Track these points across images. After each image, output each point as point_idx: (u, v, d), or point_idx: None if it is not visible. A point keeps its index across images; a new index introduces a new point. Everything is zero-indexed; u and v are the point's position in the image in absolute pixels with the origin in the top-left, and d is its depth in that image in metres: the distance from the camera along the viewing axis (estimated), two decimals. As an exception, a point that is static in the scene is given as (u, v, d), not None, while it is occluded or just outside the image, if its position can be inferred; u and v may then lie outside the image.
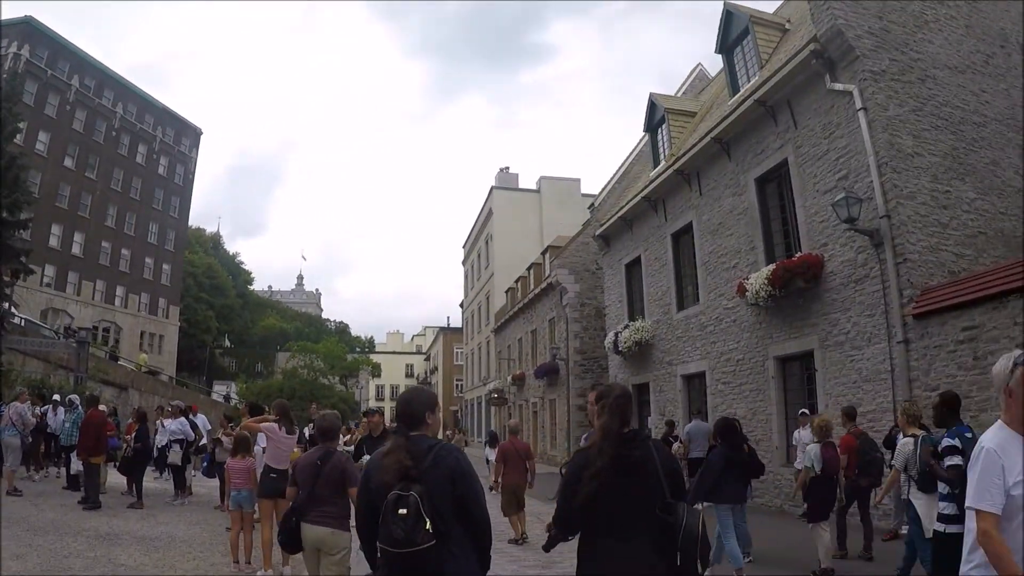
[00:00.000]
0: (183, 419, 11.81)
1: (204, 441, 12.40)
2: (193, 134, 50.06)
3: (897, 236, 9.29)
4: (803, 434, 10.08)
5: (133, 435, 10.99)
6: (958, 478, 4.15)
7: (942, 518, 4.27)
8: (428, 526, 2.41)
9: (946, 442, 4.64)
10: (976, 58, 11.02)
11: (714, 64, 19.27)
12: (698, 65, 21.60)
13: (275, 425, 6.65)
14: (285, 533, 4.26)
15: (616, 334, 17.15)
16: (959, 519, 3.78)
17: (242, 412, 8.56)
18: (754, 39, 13.19)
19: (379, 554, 2.55)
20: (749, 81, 13.26)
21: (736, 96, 13.46)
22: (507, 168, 41.51)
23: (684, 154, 14.70)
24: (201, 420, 13.31)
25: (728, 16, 13.77)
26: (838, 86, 10.31)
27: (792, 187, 11.51)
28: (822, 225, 10.71)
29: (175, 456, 11.17)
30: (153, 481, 13.04)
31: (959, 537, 2.95)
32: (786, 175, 11.77)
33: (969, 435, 4.62)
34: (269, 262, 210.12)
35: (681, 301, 15.35)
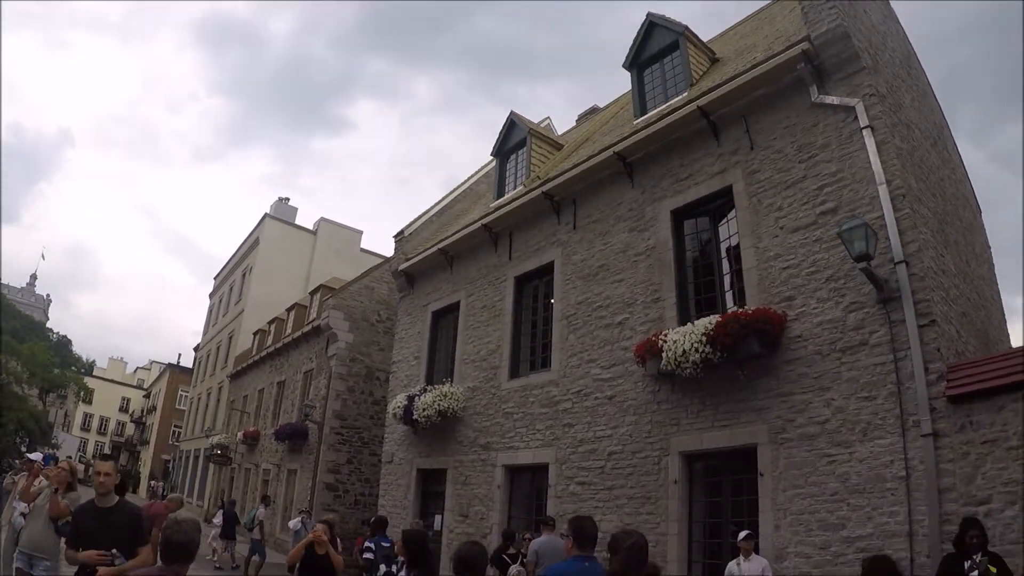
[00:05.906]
0: None
1: None
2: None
3: (919, 290, 6.50)
4: (745, 567, 6.39)
5: None
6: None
7: None
8: None
9: (366, 544, 8.14)
10: (935, 132, 9.57)
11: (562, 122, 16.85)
12: (547, 118, 19.29)
13: None
14: None
15: (410, 398, 12.13)
16: None
17: None
18: (684, 55, 10.65)
19: None
20: (668, 101, 10.55)
21: (651, 112, 10.60)
22: (287, 199, 34.08)
23: (558, 175, 11.27)
24: None
25: (651, 26, 11.20)
26: (831, 99, 7.78)
27: (735, 223, 8.51)
28: (785, 273, 7.66)
29: None
30: None
31: None
32: (724, 207, 8.80)
33: (386, 544, 8.02)
34: (4, 253, 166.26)
35: (516, 365, 11.17)
